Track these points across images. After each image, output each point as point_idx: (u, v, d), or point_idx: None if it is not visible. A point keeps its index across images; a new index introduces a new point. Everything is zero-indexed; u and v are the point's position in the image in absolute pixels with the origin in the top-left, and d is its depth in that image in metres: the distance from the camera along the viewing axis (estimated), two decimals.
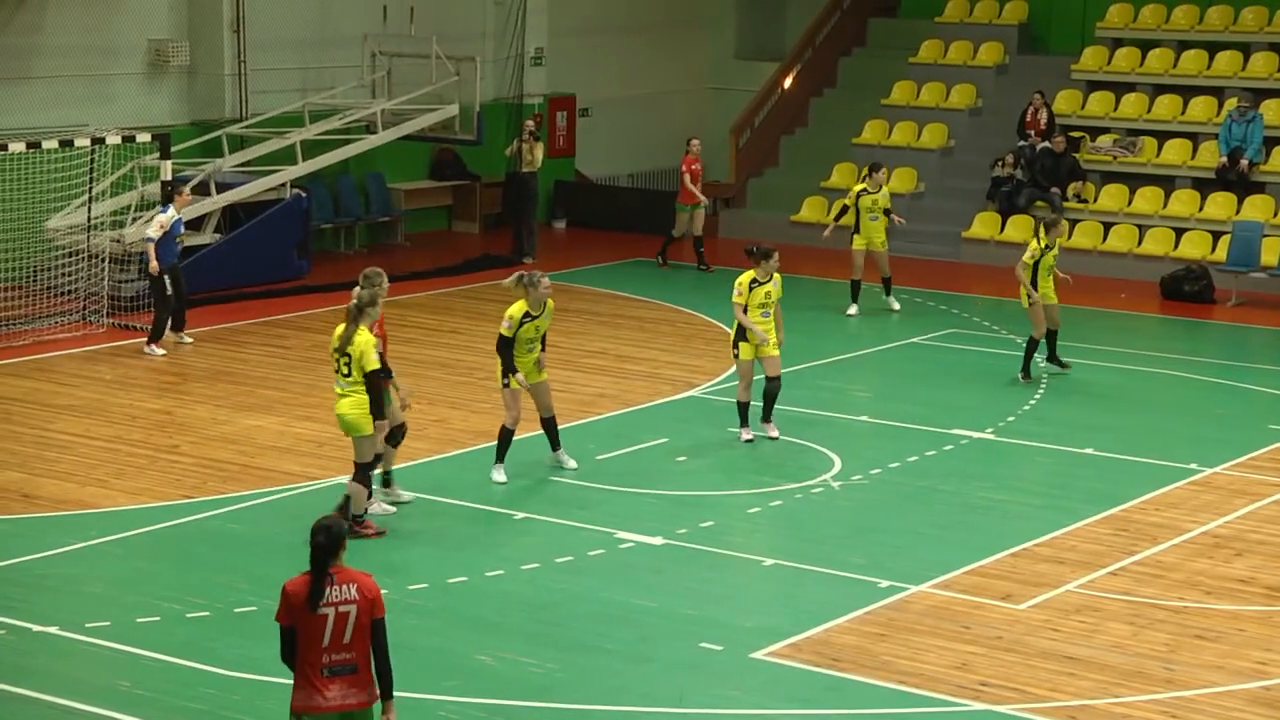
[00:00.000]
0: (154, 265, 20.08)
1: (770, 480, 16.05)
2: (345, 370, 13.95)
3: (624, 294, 24.43)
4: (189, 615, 12.63)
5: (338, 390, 14.10)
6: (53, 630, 12.24)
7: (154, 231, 20.23)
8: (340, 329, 14.04)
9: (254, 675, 11.53)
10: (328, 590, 8.62)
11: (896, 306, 23.18)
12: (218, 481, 15.81)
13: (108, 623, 12.39)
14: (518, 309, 15.45)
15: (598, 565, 13.90)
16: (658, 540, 14.42)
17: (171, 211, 20.45)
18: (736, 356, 16.96)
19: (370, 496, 14.49)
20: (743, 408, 17.07)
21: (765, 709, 11.38)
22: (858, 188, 23.15)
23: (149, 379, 19.45)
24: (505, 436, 15.70)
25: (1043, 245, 19.37)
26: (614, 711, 11.30)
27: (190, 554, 14.02)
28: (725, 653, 12.18)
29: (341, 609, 8.65)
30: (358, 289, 14.28)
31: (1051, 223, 19.73)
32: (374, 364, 13.81)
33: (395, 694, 8.86)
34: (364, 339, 13.84)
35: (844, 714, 11.32)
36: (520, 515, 14.98)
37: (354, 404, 13.98)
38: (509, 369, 15.38)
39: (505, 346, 15.42)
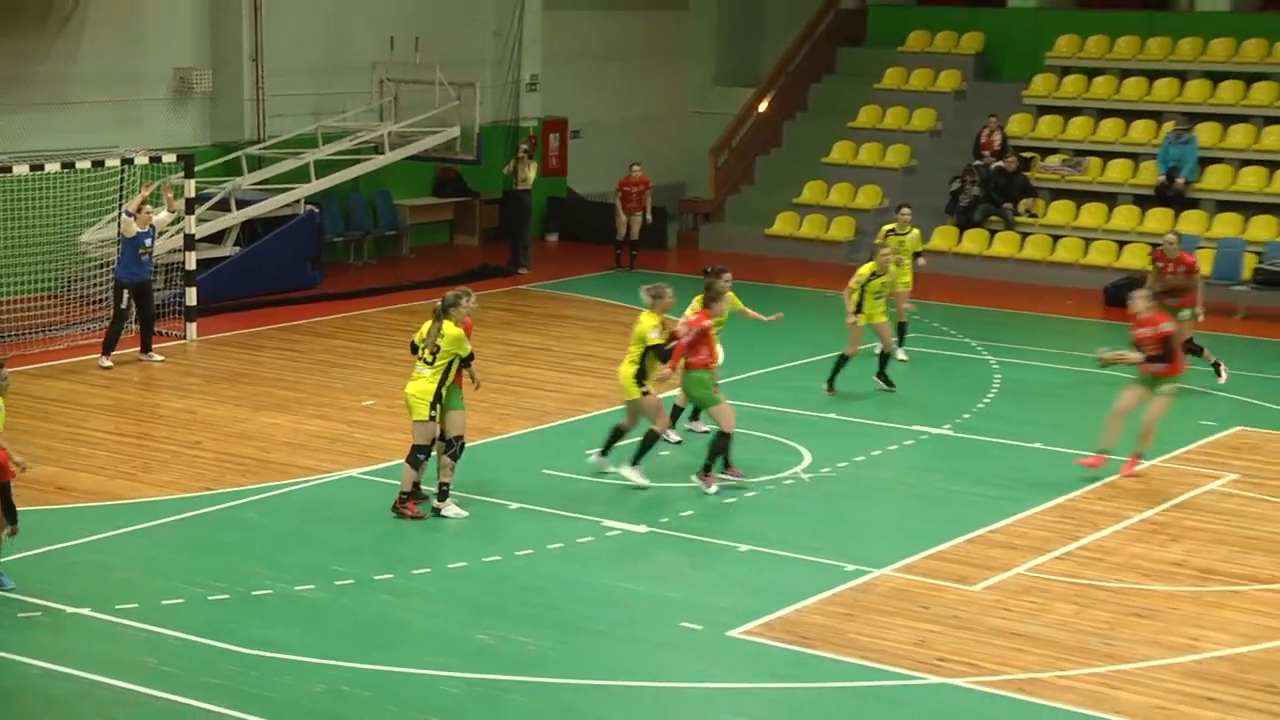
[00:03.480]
0: None
1: (745, 473, 16.06)
2: (429, 358, 14.24)
3: (612, 301, 24.43)
4: (210, 598, 12.62)
5: (413, 374, 14.32)
6: (85, 611, 12.23)
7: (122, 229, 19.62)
8: (427, 326, 14.33)
9: (270, 653, 11.53)
10: None
11: (903, 356, 20.46)
12: (237, 475, 15.79)
13: (136, 605, 12.38)
14: (651, 320, 15.21)
15: (587, 552, 13.92)
16: (642, 529, 14.44)
17: (131, 220, 19.56)
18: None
19: (444, 496, 14.51)
20: (677, 411, 16.75)
21: (741, 683, 11.40)
22: (886, 228, 21.04)
23: (174, 381, 19.42)
24: (651, 439, 15.43)
25: (870, 271, 18.50)
26: (602, 686, 11.31)
27: (211, 541, 14.01)
28: (704, 632, 12.19)
29: None
30: (447, 294, 14.48)
31: (875, 250, 18.95)
32: (468, 349, 14.30)
33: (399, 669, 8.84)
34: (454, 330, 14.19)
35: (813, 687, 11.34)
36: (515, 506, 14.98)
37: (421, 390, 14.20)
38: (647, 377, 15.20)
39: (659, 354, 15.19)
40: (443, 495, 14.56)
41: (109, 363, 19.66)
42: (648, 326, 15.21)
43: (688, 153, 32.80)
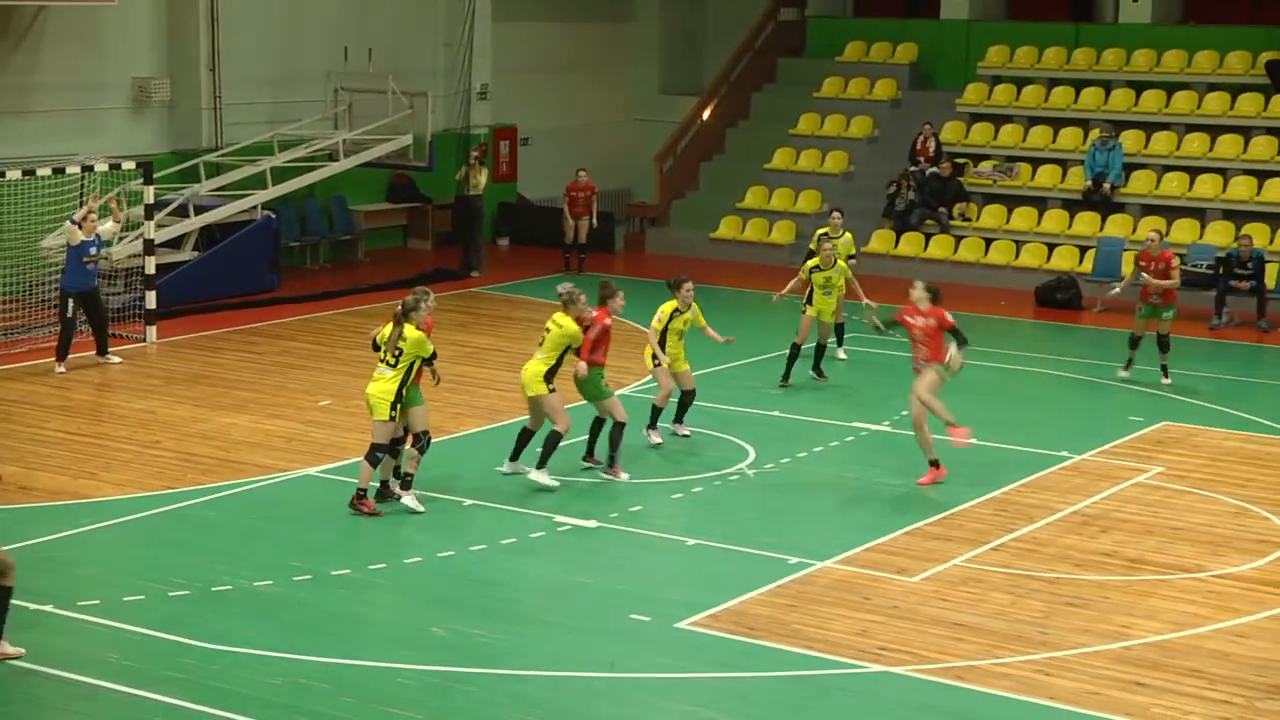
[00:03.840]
0: None
1: (692, 469, 16.05)
2: (392, 360, 14.17)
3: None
4: (171, 594, 12.50)
5: (375, 375, 14.27)
6: (48, 608, 12.08)
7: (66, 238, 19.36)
8: (388, 328, 14.27)
9: (230, 647, 11.43)
10: None
11: (843, 355, 20.72)
12: (196, 474, 15.65)
13: (98, 601, 12.25)
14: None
15: (539, 546, 13.86)
16: (592, 523, 14.39)
17: (76, 229, 19.30)
18: (657, 367, 16.74)
19: (407, 486, 14.50)
20: (656, 412, 16.92)
21: (689, 673, 11.37)
22: (819, 232, 20.58)
23: (134, 382, 19.24)
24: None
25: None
26: (554, 677, 11.26)
27: (172, 539, 13.88)
28: (652, 623, 12.16)
29: None
30: (407, 298, 14.37)
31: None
32: (430, 350, 14.26)
33: (356, 662, 8.77)
34: (415, 334, 14.14)
35: (759, 676, 11.33)
36: (469, 502, 14.91)
37: (383, 390, 14.13)
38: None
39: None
40: (406, 485, 14.51)
41: (63, 369, 19.43)
42: (571, 330, 15.17)
43: (634, 159, 32.74)
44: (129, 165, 21.81)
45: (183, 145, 25.79)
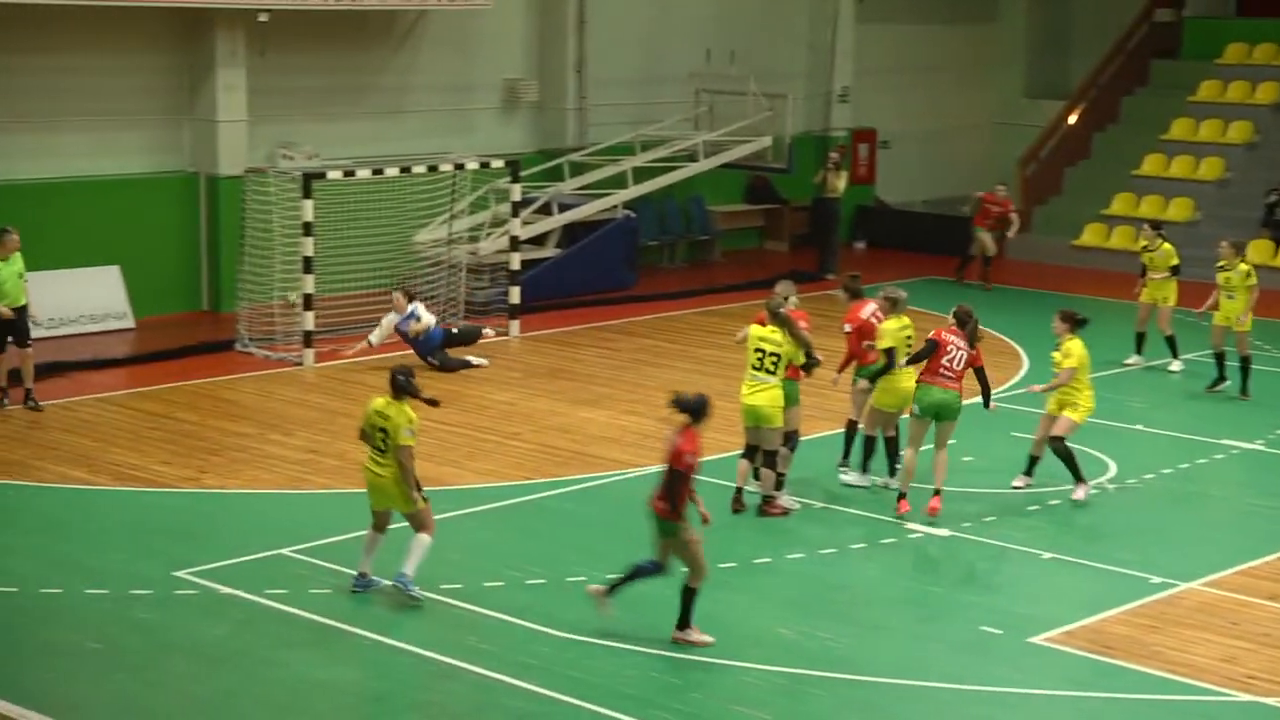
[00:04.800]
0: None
1: (1048, 481, 15.66)
2: (771, 368, 14.11)
3: (919, 309, 24.04)
4: (528, 581, 12.86)
5: (754, 384, 14.10)
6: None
7: None
8: (756, 329, 14.21)
9: (584, 638, 11.68)
10: None
11: (1177, 367, 20.28)
12: (553, 465, 16.07)
13: (460, 585, 12.68)
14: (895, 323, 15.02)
15: (889, 552, 13.75)
16: (944, 532, 14.20)
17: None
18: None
19: (780, 487, 14.57)
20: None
21: (1040, 689, 11.12)
22: (1142, 243, 20.60)
23: (496, 374, 19.85)
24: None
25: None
26: (901, 685, 11.16)
27: (529, 528, 14.29)
28: (1004, 636, 11.93)
29: None
30: (771, 299, 14.39)
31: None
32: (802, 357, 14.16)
33: (705, 659, 8.82)
34: (778, 335, 14.10)
35: (1114, 697, 10.99)
36: (819, 505, 14.89)
37: (771, 398, 14.07)
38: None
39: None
40: (779, 485, 14.58)
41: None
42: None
43: (995, 164, 32.14)
44: (497, 164, 22.54)
45: (548, 145, 26.55)
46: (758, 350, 14.19)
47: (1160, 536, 14.32)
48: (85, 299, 21.48)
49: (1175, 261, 20.34)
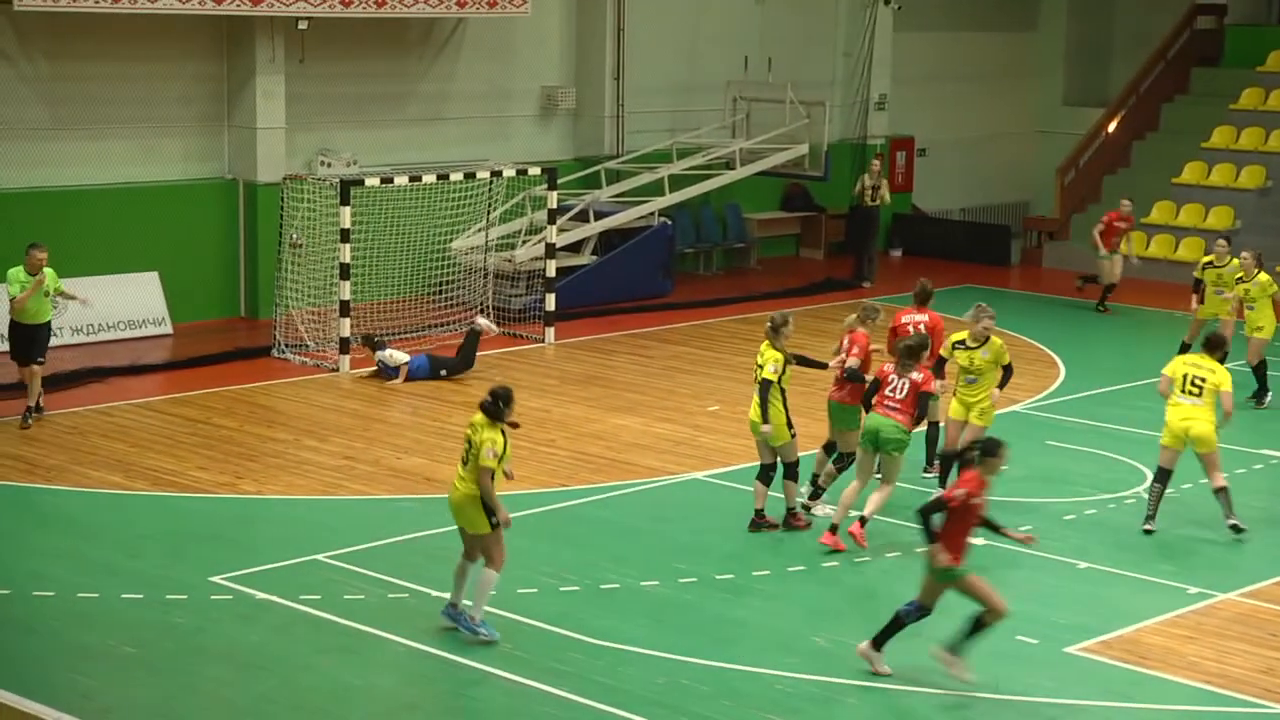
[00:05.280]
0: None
1: (1085, 491, 15.59)
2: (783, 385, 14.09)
3: (952, 317, 23.99)
4: (562, 589, 12.88)
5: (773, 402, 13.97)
6: (448, 595, 12.56)
7: None
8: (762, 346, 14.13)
9: (616, 644, 11.69)
10: None
11: None
12: (588, 472, 16.09)
13: (494, 591, 12.69)
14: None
15: (921, 561, 13.66)
16: (979, 542, 14.10)
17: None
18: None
19: (818, 497, 14.63)
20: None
21: (1076, 699, 11.06)
22: (1204, 261, 19.99)
23: (531, 381, 19.85)
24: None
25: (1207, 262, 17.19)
26: (935, 694, 11.12)
27: (563, 535, 14.30)
28: (1040, 646, 11.89)
29: None
30: (774, 315, 14.29)
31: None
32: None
33: (737, 667, 8.83)
34: (772, 355, 13.96)
35: (1152, 708, 10.93)
36: (854, 513, 14.81)
37: (774, 412, 13.94)
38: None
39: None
40: (816, 495, 14.66)
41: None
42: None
43: (1033, 171, 32.08)
44: (534, 171, 22.59)
45: (585, 152, 26.59)
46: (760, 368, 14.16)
47: (1197, 546, 14.23)
48: (124, 305, 21.62)
49: (1275, 289, 19.26)
